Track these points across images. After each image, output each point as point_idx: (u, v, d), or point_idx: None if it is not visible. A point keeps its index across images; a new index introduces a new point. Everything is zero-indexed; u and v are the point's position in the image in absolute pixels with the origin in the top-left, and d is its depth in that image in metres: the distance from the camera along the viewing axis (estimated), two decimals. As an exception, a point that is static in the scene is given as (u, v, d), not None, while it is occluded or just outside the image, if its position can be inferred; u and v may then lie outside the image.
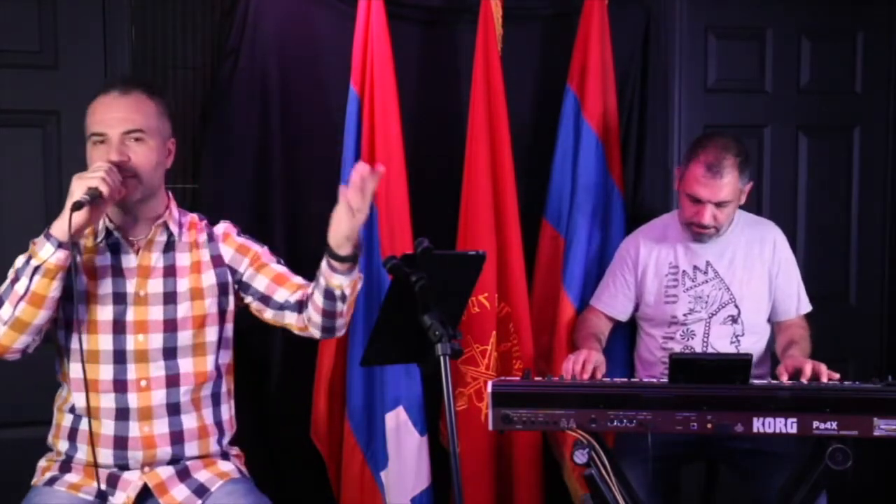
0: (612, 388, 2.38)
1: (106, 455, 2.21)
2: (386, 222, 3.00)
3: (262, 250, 2.38)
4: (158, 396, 2.23)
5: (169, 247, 2.29)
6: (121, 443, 2.21)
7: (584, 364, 2.60)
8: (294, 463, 3.17)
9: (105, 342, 2.20)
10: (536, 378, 2.46)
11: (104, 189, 2.05)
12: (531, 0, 3.37)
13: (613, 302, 3.01)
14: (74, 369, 2.20)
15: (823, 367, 2.52)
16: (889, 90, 3.73)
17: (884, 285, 3.78)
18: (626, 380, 2.55)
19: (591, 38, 3.20)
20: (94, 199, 2.04)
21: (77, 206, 2.02)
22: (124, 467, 2.23)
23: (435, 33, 3.30)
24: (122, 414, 2.21)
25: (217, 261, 2.34)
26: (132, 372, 2.21)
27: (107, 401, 2.20)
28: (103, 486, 2.20)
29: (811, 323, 2.94)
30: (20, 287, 2.06)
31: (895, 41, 3.71)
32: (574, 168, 3.23)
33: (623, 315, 3.02)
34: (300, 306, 2.30)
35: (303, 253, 3.16)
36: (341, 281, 2.17)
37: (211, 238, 2.35)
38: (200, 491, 2.26)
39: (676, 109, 3.51)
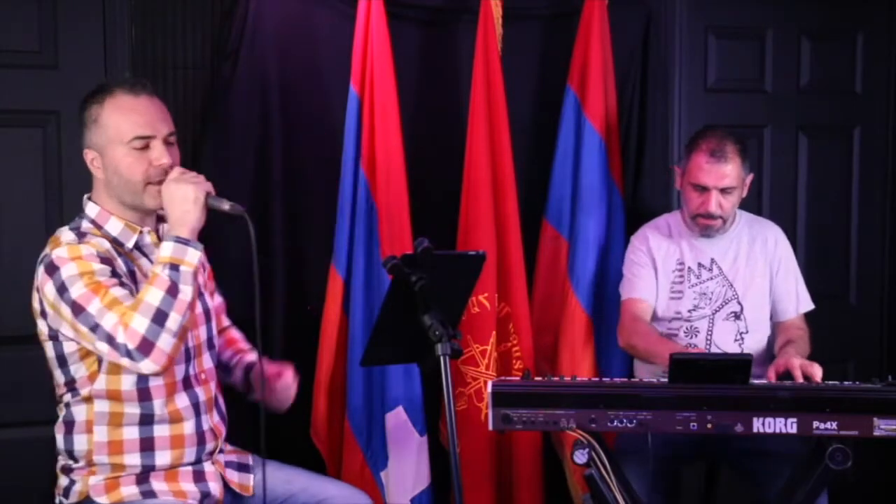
0: (612, 388, 2.38)
1: (189, 454, 2.21)
2: (386, 222, 3.00)
3: None
4: (214, 387, 2.30)
5: None
6: (201, 438, 2.23)
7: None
8: (294, 463, 3.17)
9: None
10: (536, 378, 2.45)
11: (212, 191, 2.11)
12: (531, 0, 3.37)
13: (650, 286, 2.92)
14: (154, 377, 2.13)
15: (817, 368, 2.51)
16: (889, 90, 3.73)
17: (884, 285, 3.78)
18: (626, 380, 2.55)
19: (592, 38, 3.20)
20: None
21: (210, 208, 2.08)
22: (199, 461, 2.24)
23: (435, 33, 3.30)
24: (196, 409, 2.22)
25: None
26: (194, 367, 2.23)
27: (182, 400, 2.19)
28: (198, 485, 2.21)
29: (812, 322, 2.94)
30: (185, 295, 2.02)
31: (895, 41, 3.71)
32: (576, 168, 3.24)
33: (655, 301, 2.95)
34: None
35: (302, 252, 3.17)
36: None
37: None
38: (246, 468, 2.34)
39: (676, 109, 3.51)
